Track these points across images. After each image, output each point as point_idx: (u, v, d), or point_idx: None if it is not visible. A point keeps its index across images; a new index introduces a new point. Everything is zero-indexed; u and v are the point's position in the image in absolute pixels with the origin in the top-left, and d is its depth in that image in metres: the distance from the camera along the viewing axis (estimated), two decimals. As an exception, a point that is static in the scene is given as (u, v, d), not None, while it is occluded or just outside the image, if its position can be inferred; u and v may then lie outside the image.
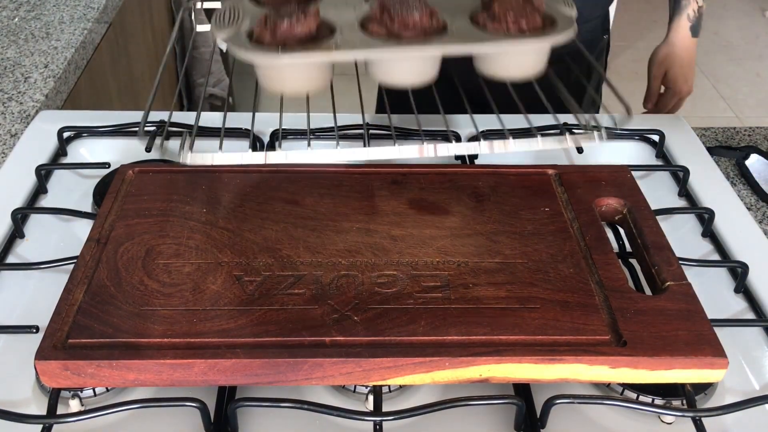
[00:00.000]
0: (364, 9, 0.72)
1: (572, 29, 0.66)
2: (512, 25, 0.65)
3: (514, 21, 0.65)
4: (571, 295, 0.65)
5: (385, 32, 0.65)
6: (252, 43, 0.64)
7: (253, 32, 0.66)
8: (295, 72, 0.65)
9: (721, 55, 3.38)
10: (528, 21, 0.65)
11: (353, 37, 0.65)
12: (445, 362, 0.59)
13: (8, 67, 1.13)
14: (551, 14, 0.69)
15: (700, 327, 0.63)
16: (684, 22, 1.17)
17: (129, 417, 0.62)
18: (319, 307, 0.64)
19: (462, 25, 0.67)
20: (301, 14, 0.64)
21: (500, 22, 0.66)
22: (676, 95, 1.20)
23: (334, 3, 0.72)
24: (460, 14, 0.70)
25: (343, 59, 0.63)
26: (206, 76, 1.28)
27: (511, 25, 0.65)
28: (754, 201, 0.91)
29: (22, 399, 0.63)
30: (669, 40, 1.18)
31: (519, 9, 0.66)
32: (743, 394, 0.65)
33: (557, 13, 0.70)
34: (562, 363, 0.59)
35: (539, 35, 0.65)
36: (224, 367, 0.59)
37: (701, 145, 0.96)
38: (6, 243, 0.78)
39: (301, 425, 0.61)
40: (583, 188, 0.78)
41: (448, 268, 0.68)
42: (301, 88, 0.66)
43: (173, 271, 0.67)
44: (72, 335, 0.60)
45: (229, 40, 0.64)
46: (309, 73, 0.65)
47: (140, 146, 0.91)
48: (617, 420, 0.63)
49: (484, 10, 0.69)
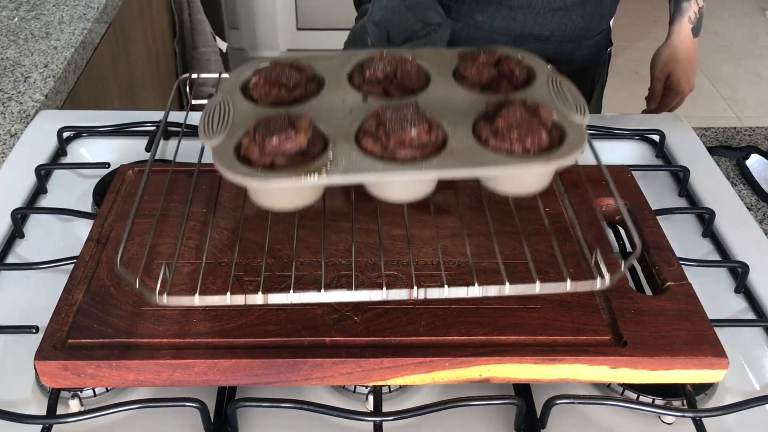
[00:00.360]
0: (361, 110, 0.67)
1: (581, 147, 0.61)
2: (516, 143, 0.60)
3: (518, 139, 0.60)
4: (571, 295, 0.65)
5: (380, 149, 0.61)
6: (239, 161, 0.60)
7: (241, 144, 0.62)
8: (284, 192, 0.62)
9: (721, 55, 3.38)
10: (533, 140, 0.60)
11: (347, 153, 0.60)
12: (445, 362, 0.59)
13: (8, 67, 1.13)
14: (560, 123, 0.64)
15: (701, 327, 0.63)
16: (685, 24, 1.17)
17: (129, 417, 0.62)
18: (319, 307, 0.64)
19: (462, 139, 0.62)
20: (291, 131, 0.60)
21: (504, 139, 0.61)
22: (679, 95, 1.21)
23: (329, 106, 0.68)
24: (462, 121, 0.64)
25: (334, 183, 0.59)
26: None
27: (515, 144, 0.61)
28: (754, 201, 0.91)
29: (21, 399, 0.63)
30: (671, 42, 1.19)
31: (524, 126, 0.61)
32: (744, 394, 0.65)
33: (567, 122, 0.64)
34: (562, 363, 0.59)
35: (544, 157, 0.60)
36: (224, 367, 0.58)
37: (701, 145, 0.96)
38: (6, 243, 0.78)
39: (301, 425, 0.61)
40: (583, 188, 0.78)
41: (448, 268, 0.68)
42: (290, 205, 0.63)
43: (173, 271, 0.67)
44: (72, 335, 0.60)
45: (216, 154, 0.60)
46: (298, 192, 0.62)
47: (140, 146, 0.91)
48: (617, 420, 0.63)
49: (488, 120, 0.64)
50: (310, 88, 0.71)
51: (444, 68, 0.73)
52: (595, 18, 1.10)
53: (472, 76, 0.72)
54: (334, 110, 0.67)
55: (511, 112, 0.62)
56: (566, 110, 0.66)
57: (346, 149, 0.61)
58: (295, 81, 0.70)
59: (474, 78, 0.72)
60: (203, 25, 2.00)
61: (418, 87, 0.71)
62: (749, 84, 3.20)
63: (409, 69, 0.71)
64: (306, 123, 0.62)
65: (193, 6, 1.96)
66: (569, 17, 1.07)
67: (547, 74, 0.72)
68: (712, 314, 0.65)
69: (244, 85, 0.71)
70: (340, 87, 0.71)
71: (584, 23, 1.09)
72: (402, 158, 0.60)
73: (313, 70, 0.73)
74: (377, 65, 0.71)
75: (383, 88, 0.71)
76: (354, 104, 0.68)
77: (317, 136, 0.63)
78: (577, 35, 1.10)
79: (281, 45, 3.18)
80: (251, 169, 0.59)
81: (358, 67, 0.73)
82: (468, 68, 0.72)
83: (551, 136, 0.63)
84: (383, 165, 0.59)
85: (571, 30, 1.09)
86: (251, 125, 0.62)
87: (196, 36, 2.00)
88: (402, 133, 0.60)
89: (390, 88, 0.71)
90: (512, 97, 0.65)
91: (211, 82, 2.08)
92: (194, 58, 2.03)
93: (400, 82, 0.71)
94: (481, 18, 1.07)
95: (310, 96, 0.70)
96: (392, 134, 0.60)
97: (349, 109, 0.67)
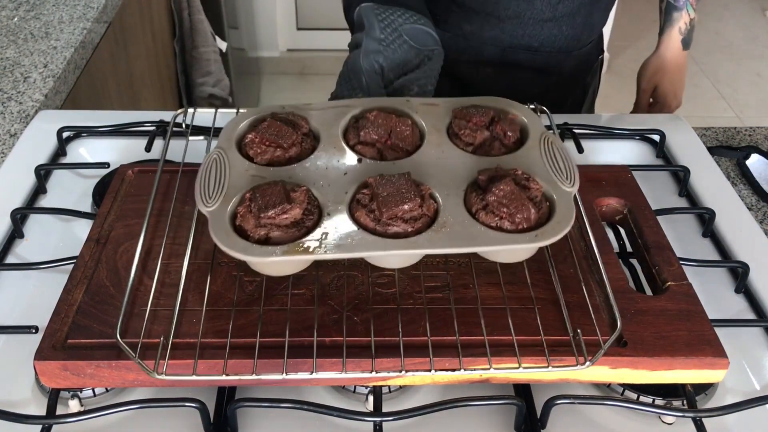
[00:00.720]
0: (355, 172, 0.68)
1: (569, 223, 0.63)
2: (506, 220, 0.63)
3: (508, 217, 0.63)
4: (571, 295, 0.65)
5: (373, 222, 0.62)
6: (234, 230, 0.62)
7: (237, 213, 0.63)
8: (279, 263, 0.63)
9: (721, 55, 3.38)
10: (524, 216, 0.63)
11: (340, 227, 0.62)
12: (445, 362, 0.59)
13: (7, 67, 1.13)
14: (550, 194, 0.66)
15: (701, 327, 0.62)
16: (675, 35, 1.14)
17: (129, 417, 0.61)
18: (319, 307, 0.64)
19: (453, 214, 0.64)
20: (287, 204, 0.62)
21: (494, 215, 0.63)
22: (665, 109, 1.18)
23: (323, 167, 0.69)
24: (454, 191, 0.66)
25: (327, 258, 0.61)
26: (206, 75, 1.27)
27: (506, 220, 0.63)
28: (754, 201, 0.91)
29: (21, 399, 0.63)
30: (659, 53, 1.16)
31: (514, 202, 0.63)
32: (744, 394, 0.65)
33: (557, 191, 0.66)
34: (562, 363, 0.59)
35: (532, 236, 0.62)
36: (229, 366, 0.58)
37: (702, 145, 0.96)
38: (6, 243, 0.78)
39: (301, 425, 0.61)
40: (584, 188, 0.78)
41: (449, 268, 0.68)
42: (283, 272, 0.65)
43: (173, 271, 0.67)
44: (71, 335, 0.60)
45: (212, 223, 0.62)
46: (292, 264, 0.64)
47: (140, 146, 0.90)
48: (617, 420, 0.63)
49: (479, 191, 0.66)
50: (305, 146, 0.72)
51: (438, 123, 0.75)
52: (585, 29, 1.08)
53: (465, 137, 0.73)
54: (329, 173, 0.69)
55: (502, 188, 0.64)
56: (556, 178, 0.68)
57: (340, 223, 0.63)
58: (291, 141, 0.71)
59: (467, 139, 0.73)
60: (203, 24, 2.00)
61: (412, 146, 0.72)
62: (749, 84, 3.20)
63: (403, 129, 0.73)
64: (302, 195, 0.64)
65: (192, 6, 1.96)
66: (559, 28, 1.05)
67: (539, 134, 0.74)
68: (712, 314, 0.65)
69: (239, 139, 0.73)
70: (334, 146, 0.72)
71: (574, 34, 1.07)
72: (394, 231, 0.62)
73: (309, 124, 0.75)
74: (371, 126, 0.73)
75: (377, 149, 0.72)
76: (348, 167, 0.70)
77: (312, 203, 0.64)
78: (567, 45, 1.08)
79: (281, 45, 3.18)
80: (246, 244, 0.61)
81: (353, 123, 0.75)
82: (461, 128, 0.74)
83: (541, 207, 0.65)
84: (376, 242, 0.61)
85: (561, 41, 1.06)
86: (247, 194, 0.64)
87: (196, 36, 2.00)
88: (395, 208, 0.62)
89: (384, 149, 0.72)
90: (503, 171, 0.67)
91: (210, 81, 2.08)
92: (194, 57, 2.03)
93: (395, 143, 0.72)
94: (470, 28, 1.06)
95: (305, 155, 0.71)
96: (385, 209, 0.62)
97: (343, 171, 0.69)
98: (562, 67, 1.10)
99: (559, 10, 1.02)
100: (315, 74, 3.17)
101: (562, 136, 0.95)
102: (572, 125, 0.95)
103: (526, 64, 1.08)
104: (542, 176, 0.68)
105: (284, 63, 3.19)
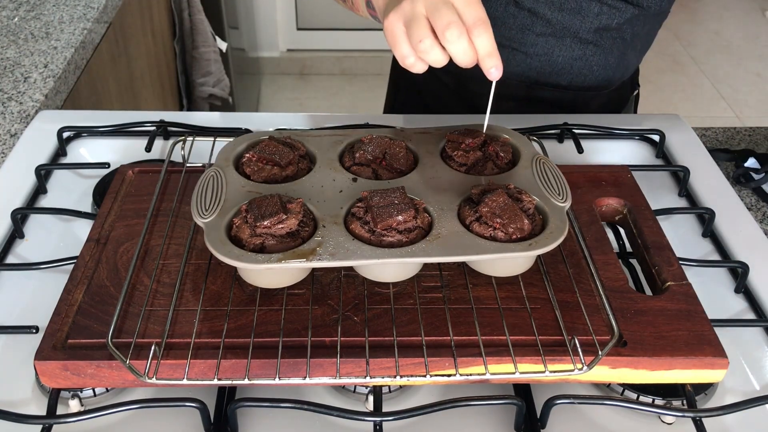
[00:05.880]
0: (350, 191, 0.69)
1: (562, 234, 0.63)
2: (500, 230, 0.63)
3: (502, 227, 0.63)
4: (571, 295, 0.65)
5: (368, 233, 0.63)
6: (229, 241, 0.62)
7: (233, 223, 0.64)
8: (274, 273, 0.64)
9: (721, 55, 3.38)
10: (517, 226, 0.63)
11: (335, 237, 0.62)
12: (445, 362, 0.59)
13: (8, 67, 1.13)
14: (542, 208, 0.67)
15: (701, 327, 0.63)
16: None
17: (129, 417, 0.62)
18: (319, 307, 0.64)
19: (447, 224, 0.64)
20: (282, 214, 0.62)
21: (487, 226, 0.64)
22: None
23: (319, 185, 0.70)
24: (448, 205, 0.67)
25: (322, 266, 0.61)
26: (206, 75, 1.27)
27: (499, 230, 0.63)
28: (754, 201, 0.91)
29: (21, 399, 0.63)
30: None
31: (506, 212, 0.64)
32: (743, 394, 0.65)
33: (549, 205, 0.67)
34: (561, 363, 0.59)
35: (525, 245, 0.62)
36: (224, 367, 0.58)
37: (701, 145, 0.96)
38: (6, 243, 0.78)
39: (301, 425, 0.61)
40: (583, 188, 0.78)
41: (448, 268, 0.68)
42: (279, 284, 0.65)
43: (173, 271, 0.67)
44: (72, 335, 0.60)
45: (208, 233, 0.62)
46: (287, 273, 0.65)
47: (140, 146, 0.91)
48: (617, 420, 0.63)
49: (473, 204, 0.66)
50: (301, 166, 0.73)
51: (432, 148, 0.76)
52: (618, 69, 1.02)
53: (458, 158, 0.74)
54: (325, 190, 0.69)
55: (495, 199, 0.65)
56: (549, 194, 0.68)
57: (335, 233, 0.64)
58: (288, 160, 0.72)
59: (460, 160, 0.74)
60: (203, 24, 2.00)
61: (407, 168, 0.73)
62: (749, 84, 3.20)
63: (397, 151, 0.73)
64: (297, 206, 0.64)
65: (193, 6, 1.96)
66: (590, 68, 1.00)
67: (532, 155, 0.74)
68: (712, 314, 0.65)
69: (237, 159, 0.73)
70: (330, 167, 0.73)
71: (606, 75, 1.02)
72: (389, 242, 0.63)
73: (305, 147, 0.75)
74: (366, 147, 0.73)
75: (372, 169, 0.73)
76: (344, 185, 0.70)
77: (308, 216, 0.65)
78: (598, 85, 1.03)
79: (281, 45, 3.18)
80: (241, 251, 0.61)
81: (348, 147, 0.75)
82: (454, 149, 0.74)
83: (534, 219, 0.65)
84: (371, 250, 0.62)
85: (591, 80, 1.02)
86: (243, 206, 0.64)
87: (196, 36, 2.00)
88: (389, 219, 0.62)
89: (379, 170, 0.73)
90: (496, 185, 0.68)
91: (211, 81, 2.08)
92: (194, 57, 2.03)
93: (389, 164, 0.73)
94: None
95: (302, 175, 0.72)
96: (379, 220, 0.62)
97: (339, 189, 0.69)
98: (590, 104, 1.06)
99: (589, 49, 0.98)
100: (315, 74, 3.17)
101: (562, 136, 0.95)
102: (572, 125, 0.95)
103: (552, 100, 1.04)
104: (535, 193, 0.68)
105: (284, 63, 3.19)
